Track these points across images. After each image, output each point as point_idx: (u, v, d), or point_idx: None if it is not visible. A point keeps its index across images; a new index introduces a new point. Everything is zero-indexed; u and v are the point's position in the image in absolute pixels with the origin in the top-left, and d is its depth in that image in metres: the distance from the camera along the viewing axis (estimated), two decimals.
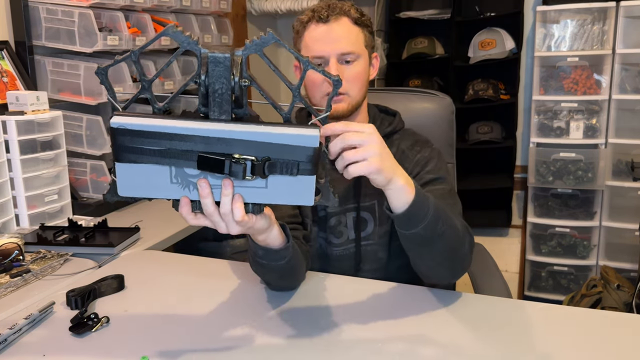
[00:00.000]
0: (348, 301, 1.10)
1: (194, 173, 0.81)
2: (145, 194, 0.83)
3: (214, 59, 0.77)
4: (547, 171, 2.77)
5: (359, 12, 1.18)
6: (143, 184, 0.81)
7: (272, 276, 1.11)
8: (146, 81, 0.82)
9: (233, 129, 0.77)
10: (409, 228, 0.98)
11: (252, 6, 3.03)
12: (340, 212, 1.25)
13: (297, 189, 0.82)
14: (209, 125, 0.78)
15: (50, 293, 1.18)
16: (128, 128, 0.77)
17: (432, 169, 1.21)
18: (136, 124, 0.77)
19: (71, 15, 1.74)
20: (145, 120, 0.77)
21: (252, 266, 1.11)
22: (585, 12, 2.67)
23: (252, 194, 0.83)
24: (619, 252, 2.69)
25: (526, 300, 2.30)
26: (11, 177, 1.52)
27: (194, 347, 0.95)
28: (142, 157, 0.79)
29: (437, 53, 3.05)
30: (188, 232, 1.65)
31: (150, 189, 0.82)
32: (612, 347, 0.92)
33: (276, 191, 0.82)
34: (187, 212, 0.85)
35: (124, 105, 0.82)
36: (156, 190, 0.82)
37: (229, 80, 0.78)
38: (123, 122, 0.77)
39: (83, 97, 1.78)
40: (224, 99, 0.79)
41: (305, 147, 0.79)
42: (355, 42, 1.16)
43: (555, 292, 2.82)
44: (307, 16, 1.17)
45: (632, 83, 2.60)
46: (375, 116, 1.30)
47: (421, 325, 1.01)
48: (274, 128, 0.78)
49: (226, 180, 0.80)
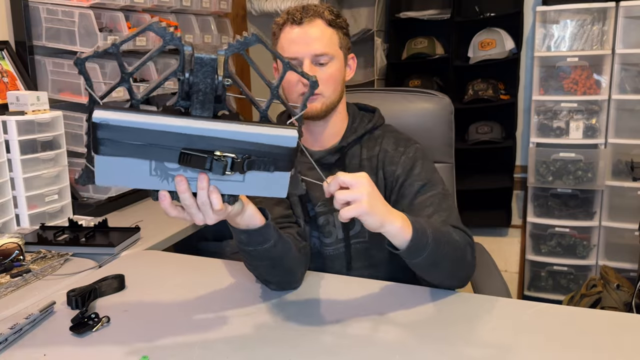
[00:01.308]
0: (347, 301, 1.11)
1: (174, 167, 0.82)
2: (123, 183, 0.83)
3: (200, 60, 0.77)
4: (547, 171, 2.77)
5: (333, 14, 1.20)
6: (121, 175, 0.82)
7: (264, 266, 1.09)
8: (126, 73, 0.82)
9: (216, 128, 0.79)
10: (411, 259, 1.03)
11: (252, 6, 3.03)
12: (328, 212, 1.26)
13: (272, 183, 0.85)
14: (193, 123, 0.78)
15: (50, 293, 1.18)
16: (110, 124, 0.77)
17: (419, 172, 1.22)
18: (119, 119, 0.77)
19: (71, 15, 1.74)
20: (128, 116, 0.77)
21: (246, 263, 1.12)
22: (585, 12, 2.67)
23: (228, 187, 0.86)
24: (619, 252, 2.69)
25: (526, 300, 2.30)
26: (11, 177, 1.53)
27: (193, 347, 0.95)
28: (123, 152, 0.79)
29: (437, 53, 3.05)
30: (188, 232, 1.65)
31: (128, 179, 0.82)
32: (612, 347, 0.93)
33: (252, 184, 0.85)
34: (167, 205, 0.87)
35: (101, 95, 0.82)
36: (134, 181, 0.83)
37: (214, 80, 0.79)
38: (105, 117, 0.76)
39: (83, 97, 1.78)
40: (207, 98, 0.80)
41: (284, 146, 0.82)
42: (329, 44, 1.18)
43: (555, 292, 2.82)
44: (283, 19, 1.20)
45: (632, 83, 2.60)
46: (354, 114, 1.31)
47: (421, 325, 1.01)
48: (254, 127, 0.80)
49: (202, 174, 0.83)
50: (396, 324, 1.01)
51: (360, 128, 1.28)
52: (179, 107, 0.82)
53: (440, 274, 1.10)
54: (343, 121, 1.29)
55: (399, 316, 1.04)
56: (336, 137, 1.27)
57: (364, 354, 0.92)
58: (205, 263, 1.35)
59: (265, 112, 0.88)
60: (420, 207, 1.16)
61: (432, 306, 1.08)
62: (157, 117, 0.78)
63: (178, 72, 0.79)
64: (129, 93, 0.83)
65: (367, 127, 1.28)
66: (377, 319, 1.03)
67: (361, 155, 1.26)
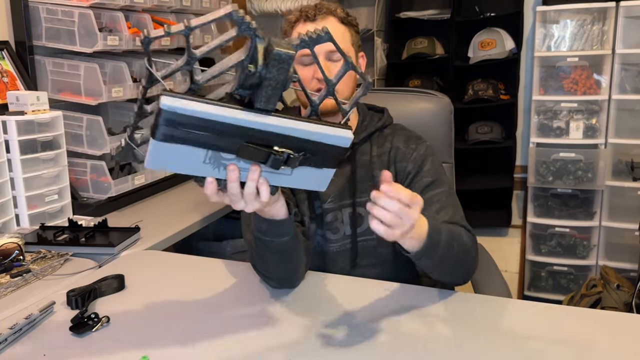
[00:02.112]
0: (347, 301, 1.11)
1: (229, 157, 0.83)
2: (173, 169, 0.83)
3: (278, 57, 0.76)
4: (547, 171, 2.77)
5: (345, 12, 1.24)
6: (173, 161, 0.81)
7: (274, 260, 1.10)
8: (192, 57, 0.80)
9: (283, 125, 0.80)
10: (422, 261, 1.03)
11: (252, 6, 3.03)
12: (337, 208, 1.27)
13: (317, 178, 0.89)
14: (262, 119, 0.79)
15: (50, 293, 1.18)
16: (177, 112, 0.75)
17: (429, 169, 1.25)
18: (189, 109, 0.75)
19: (71, 15, 1.74)
20: (197, 106, 0.75)
21: (254, 255, 1.12)
22: (585, 12, 2.67)
23: (276, 179, 0.88)
24: (619, 252, 2.69)
25: (526, 300, 2.30)
26: (11, 177, 1.53)
27: (193, 347, 0.95)
28: (183, 139, 0.78)
29: (437, 53, 3.05)
30: (188, 232, 1.65)
31: (179, 166, 0.82)
32: (612, 347, 0.93)
33: (298, 178, 0.88)
34: (212, 192, 0.87)
35: (162, 75, 0.81)
36: (185, 167, 0.82)
37: (287, 76, 0.79)
38: (174, 105, 0.74)
39: (83, 97, 1.78)
40: (275, 93, 0.79)
41: (339, 146, 0.84)
42: (342, 41, 1.22)
43: (555, 292, 2.82)
44: (295, 16, 1.24)
45: (632, 83, 2.60)
46: (364, 113, 1.35)
47: (421, 325, 1.01)
48: (318, 127, 0.82)
49: (255, 166, 0.84)
50: (396, 323, 1.01)
51: (371, 126, 1.31)
52: (238, 95, 0.81)
53: (446, 272, 1.12)
54: (353, 118, 1.32)
55: (399, 316, 1.04)
56: None
57: (364, 353, 0.92)
58: (205, 263, 1.35)
59: (317, 107, 0.90)
60: (428, 203, 1.17)
61: (432, 306, 1.08)
62: (226, 109, 0.77)
63: (246, 62, 0.78)
64: (190, 77, 0.82)
65: (377, 125, 1.31)
66: (377, 319, 1.03)
67: (371, 152, 1.29)
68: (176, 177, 2.08)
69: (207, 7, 2.25)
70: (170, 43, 2.04)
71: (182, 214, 1.74)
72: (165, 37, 0.79)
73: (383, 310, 1.07)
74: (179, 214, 1.75)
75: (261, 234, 1.04)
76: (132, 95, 1.87)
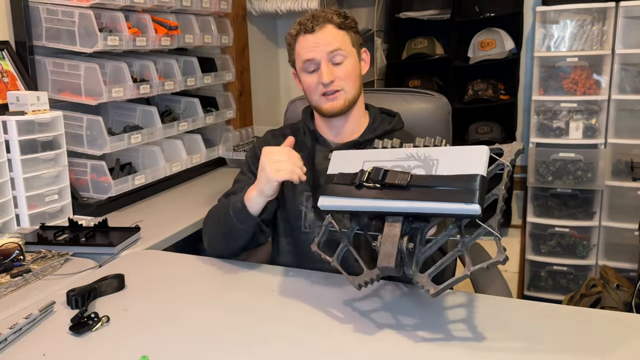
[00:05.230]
0: (347, 301, 1.11)
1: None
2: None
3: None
4: (546, 171, 2.77)
5: (342, 17, 1.29)
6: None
7: (221, 230, 1.29)
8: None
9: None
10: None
11: (252, 6, 3.03)
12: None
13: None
14: (397, 204, 0.96)
15: (50, 293, 1.18)
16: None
17: None
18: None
19: (71, 15, 1.74)
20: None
21: (213, 214, 1.33)
22: (585, 12, 2.67)
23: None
24: (619, 252, 2.69)
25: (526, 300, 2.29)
26: (11, 177, 1.53)
27: (193, 347, 0.95)
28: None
29: (437, 53, 3.05)
30: (188, 232, 1.66)
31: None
32: (612, 347, 0.93)
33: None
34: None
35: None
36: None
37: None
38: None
39: (83, 97, 1.78)
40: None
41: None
42: (342, 45, 1.27)
43: (554, 292, 2.82)
44: (296, 30, 1.31)
45: (632, 83, 2.60)
46: (375, 115, 1.38)
47: (421, 325, 1.01)
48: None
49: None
50: (396, 323, 1.02)
51: (380, 129, 1.35)
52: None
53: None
54: (362, 118, 1.37)
55: (399, 316, 1.04)
56: (356, 133, 1.35)
57: (364, 353, 0.92)
58: (205, 263, 1.35)
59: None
60: None
61: (432, 306, 1.08)
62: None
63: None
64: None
65: (386, 128, 1.35)
66: (377, 319, 1.03)
67: None
68: (176, 177, 2.08)
69: (207, 7, 2.25)
70: (171, 43, 2.05)
71: (182, 214, 1.74)
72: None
73: (382, 309, 1.07)
74: (179, 214, 1.75)
75: (231, 209, 1.24)
76: (132, 95, 1.88)
